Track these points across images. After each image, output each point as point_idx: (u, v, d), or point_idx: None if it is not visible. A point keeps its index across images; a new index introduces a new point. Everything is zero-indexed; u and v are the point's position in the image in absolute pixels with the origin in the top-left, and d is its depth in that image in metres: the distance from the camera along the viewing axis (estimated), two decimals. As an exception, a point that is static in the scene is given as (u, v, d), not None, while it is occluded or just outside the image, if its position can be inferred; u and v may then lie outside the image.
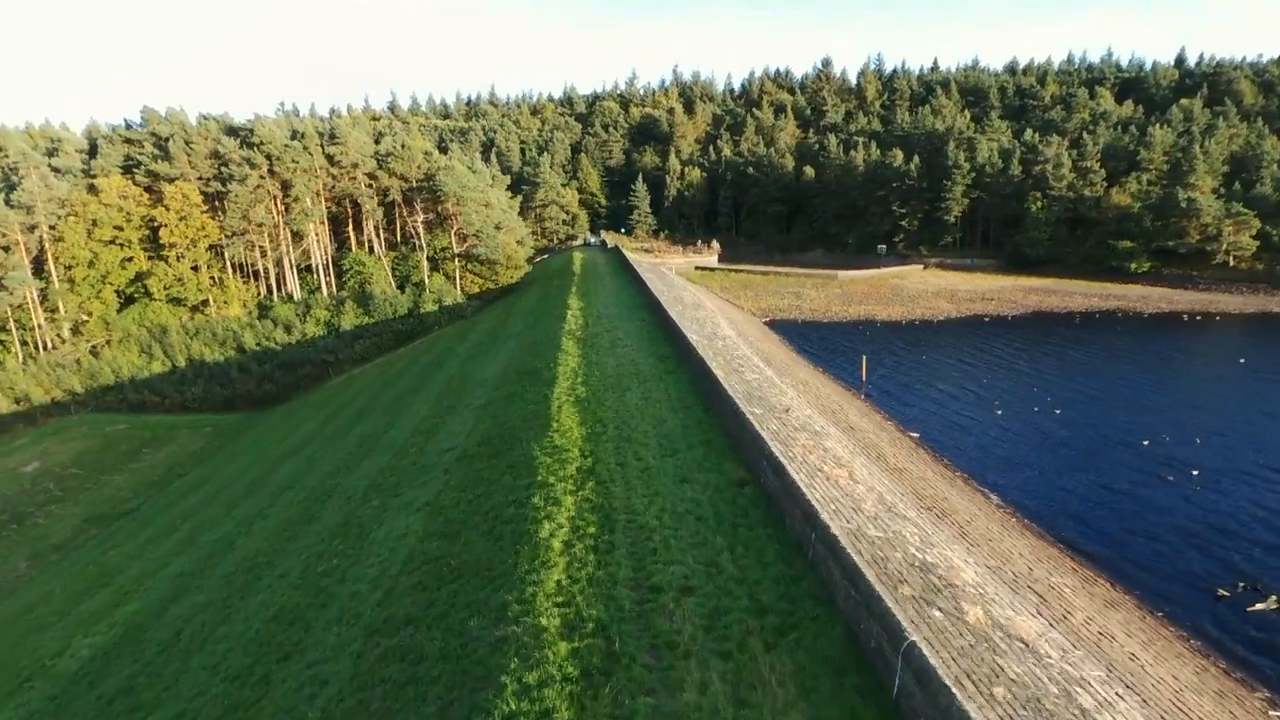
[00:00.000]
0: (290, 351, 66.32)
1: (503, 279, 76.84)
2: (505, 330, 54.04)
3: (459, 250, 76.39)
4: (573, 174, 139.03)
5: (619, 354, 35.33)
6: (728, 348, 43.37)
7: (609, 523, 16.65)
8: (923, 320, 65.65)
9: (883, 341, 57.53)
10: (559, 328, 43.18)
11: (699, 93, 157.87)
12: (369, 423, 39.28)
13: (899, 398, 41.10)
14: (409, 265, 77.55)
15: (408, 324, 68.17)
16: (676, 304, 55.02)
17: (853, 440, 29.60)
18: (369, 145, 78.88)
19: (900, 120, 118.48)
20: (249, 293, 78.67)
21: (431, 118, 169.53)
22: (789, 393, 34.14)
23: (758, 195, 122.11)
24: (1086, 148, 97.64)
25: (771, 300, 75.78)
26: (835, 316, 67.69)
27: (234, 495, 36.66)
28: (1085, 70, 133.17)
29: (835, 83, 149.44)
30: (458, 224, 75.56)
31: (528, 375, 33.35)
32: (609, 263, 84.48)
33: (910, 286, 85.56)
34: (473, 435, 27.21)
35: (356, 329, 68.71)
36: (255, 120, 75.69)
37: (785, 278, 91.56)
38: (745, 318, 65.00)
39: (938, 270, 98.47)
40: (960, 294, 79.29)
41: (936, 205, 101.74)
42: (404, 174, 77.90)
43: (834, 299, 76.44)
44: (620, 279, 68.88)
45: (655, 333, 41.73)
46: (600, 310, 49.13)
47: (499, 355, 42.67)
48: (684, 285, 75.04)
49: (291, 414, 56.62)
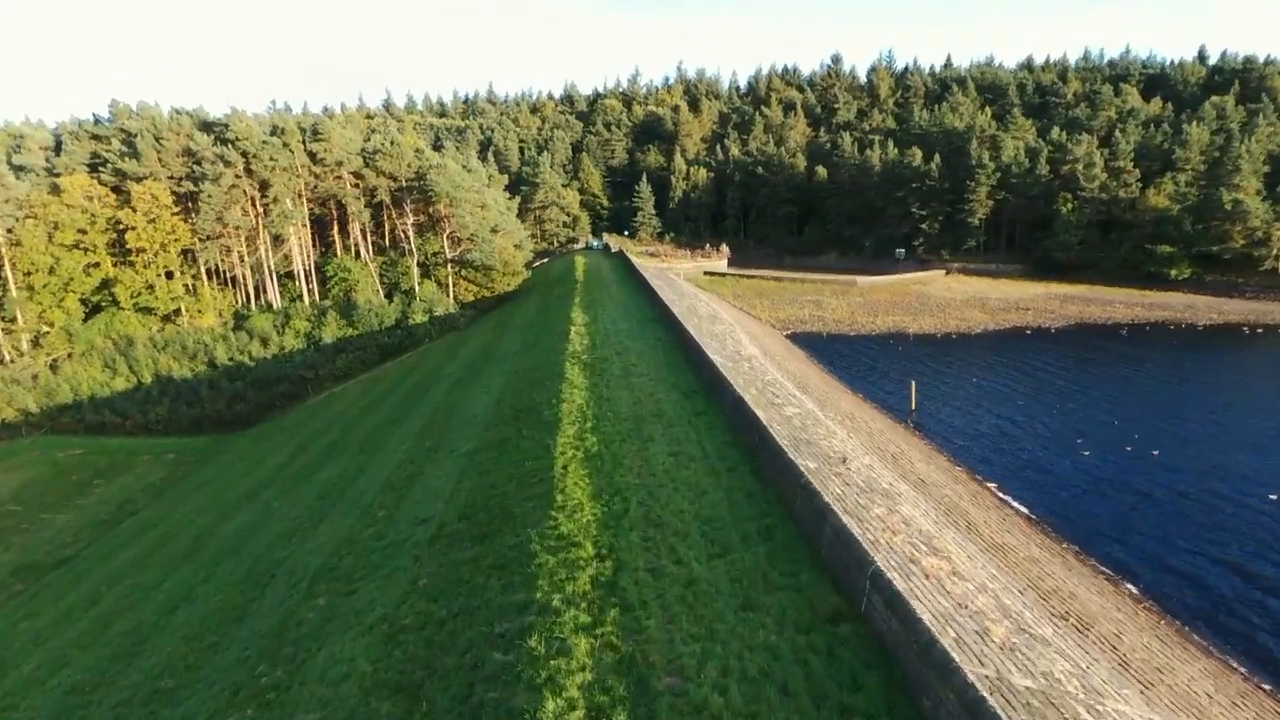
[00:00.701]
0: (266, 367, 60.30)
1: (499, 286, 70.89)
2: (500, 348, 48.06)
3: (452, 255, 70.44)
4: (574, 174, 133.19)
5: (634, 385, 29.38)
6: (756, 372, 37.51)
7: (645, 700, 10.69)
8: (959, 333, 59.70)
9: (919, 358, 51.60)
10: (561, 348, 37.24)
11: (704, 90, 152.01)
12: (338, 463, 33.31)
13: (958, 430, 35.15)
14: (398, 271, 71.59)
15: (395, 336, 62.21)
16: (691, 316, 49.18)
17: (929, 500, 23.67)
18: (355, 142, 72.95)
19: (918, 118, 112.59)
20: (225, 301, 72.65)
21: (427, 116, 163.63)
22: (838, 433, 28.16)
23: (767, 196, 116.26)
24: (1119, 146, 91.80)
25: (790, 310, 69.82)
26: (862, 329, 61.72)
27: (176, 551, 30.74)
28: (1108, 67, 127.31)
29: (846, 80, 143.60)
30: (450, 227, 69.63)
31: (525, 414, 27.40)
32: (614, 268, 78.53)
33: (935, 294, 79.68)
34: (453, 501, 21.26)
35: (339, 341, 62.72)
36: (231, 115, 69.70)
37: (801, 284, 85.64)
38: (765, 331, 59.04)
39: (961, 276, 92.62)
40: (991, 302, 73.39)
41: (959, 207, 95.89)
42: (393, 173, 71.95)
43: (857, 308, 70.49)
44: (627, 287, 62.93)
45: (673, 355, 35.76)
46: (608, 326, 43.16)
47: (492, 381, 36.71)
48: (695, 294, 69.11)
49: (262, 439, 50.62)
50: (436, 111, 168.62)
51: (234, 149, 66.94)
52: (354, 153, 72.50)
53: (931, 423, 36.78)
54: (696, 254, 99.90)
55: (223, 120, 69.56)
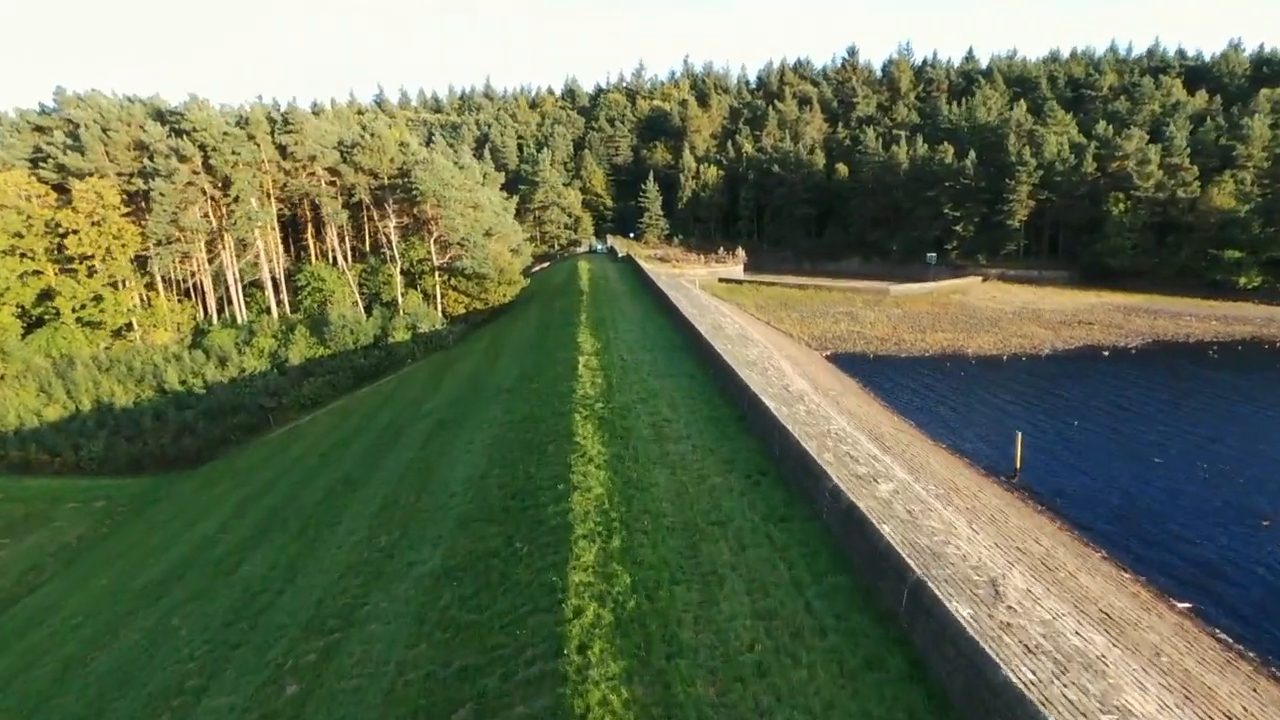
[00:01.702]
0: (221, 393, 51.69)
1: (493, 297, 62.29)
2: (492, 378, 39.47)
3: (440, 262, 61.85)
4: (575, 172, 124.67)
5: (673, 458, 20.88)
6: (816, 416, 29.16)
7: None
8: (1025, 354, 51.20)
9: (989, 387, 43.09)
10: (567, 388, 28.76)
11: (712, 84, 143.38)
12: (270, 549, 24.77)
13: (1087, 503, 26.63)
14: (379, 280, 63.00)
15: (372, 357, 53.67)
16: (719, 337, 40.73)
17: (1122, 643, 15.17)
18: (330, 134, 64.34)
19: (947, 112, 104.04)
20: (184, 314, 64.03)
21: (421, 111, 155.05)
22: (960, 528, 19.52)
23: (784, 196, 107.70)
24: (1174, 141, 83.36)
25: (823, 324, 61.28)
26: (911, 348, 53.21)
27: (57, 661, 22.40)
28: (1146, 58, 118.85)
29: (863, 73, 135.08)
30: (438, 230, 61.05)
31: (519, 507, 18.90)
32: (622, 276, 70.02)
33: (980, 305, 71.18)
34: (408, 678, 12.77)
35: (307, 363, 54.17)
36: (189, 103, 61.04)
37: (828, 293, 77.12)
38: (803, 352, 50.52)
39: (1000, 283, 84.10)
40: (1047, 315, 64.91)
41: (997, 208, 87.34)
42: (373, 169, 63.36)
43: (898, 322, 61.97)
44: (640, 299, 54.43)
45: (713, 401, 27.26)
46: (624, 355, 34.62)
47: (477, 435, 28.16)
48: (716, 306, 60.60)
49: (206, 486, 42.04)
50: (431, 107, 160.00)
51: (190, 141, 58.33)
52: (329, 146, 63.90)
53: (1044, 484, 28.29)
54: (710, 259, 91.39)
55: (179, 109, 60.94)
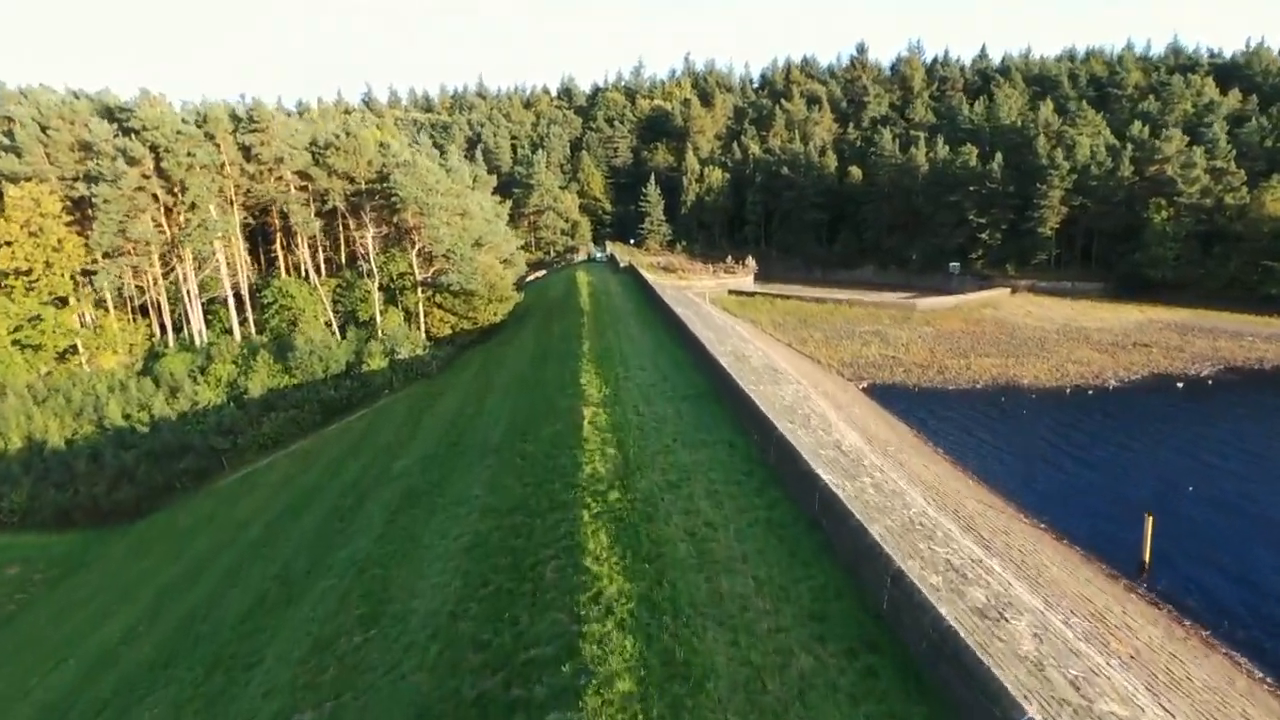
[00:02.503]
0: (169, 431, 44.77)
1: (482, 317, 55.48)
2: (476, 429, 32.67)
3: (423, 277, 55.03)
4: (572, 175, 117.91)
5: (730, 606, 14.00)
6: (885, 490, 22.76)
7: None
8: (1089, 385, 44.66)
9: (1061, 430, 36.55)
10: (571, 465, 22.05)
11: (715, 83, 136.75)
12: (177, 685, 17.98)
13: (1253, 620, 20.08)
14: (355, 297, 56.13)
15: (343, 388, 46.82)
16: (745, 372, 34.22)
17: None
18: (301, 134, 57.43)
19: (968, 112, 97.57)
20: (138, 335, 57.04)
21: (411, 111, 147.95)
22: (1087, 653, 12.86)
23: (793, 200, 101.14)
24: (1218, 144, 77.17)
25: (852, 347, 54.65)
26: (955, 378, 46.61)
27: None
28: (1173, 56, 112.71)
29: (873, 71, 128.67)
30: (421, 241, 54.25)
31: (507, 688, 12.21)
32: (626, 291, 63.28)
33: (1016, 321, 64.74)
34: None
35: (270, 394, 47.30)
36: (140, 98, 54.07)
37: (849, 308, 70.52)
38: (836, 384, 43.87)
39: (1031, 296, 77.68)
40: (1094, 335, 58.49)
41: (1025, 214, 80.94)
42: (348, 172, 56.50)
43: (934, 345, 55.43)
44: (648, 321, 47.71)
45: (765, 486, 20.51)
46: (640, 408, 27.84)
47: (450, 532, 21.34)
48: (731, 326, 53.95)
49: (137, 555, 35.22)
50: (422, 106, 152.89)
51: (140, 142, 51.38)
52: (300, 147, 56.99)
53: (1188, 589, 21.72)
54: (718, 268, 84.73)
55: (129, 105, 53.92)
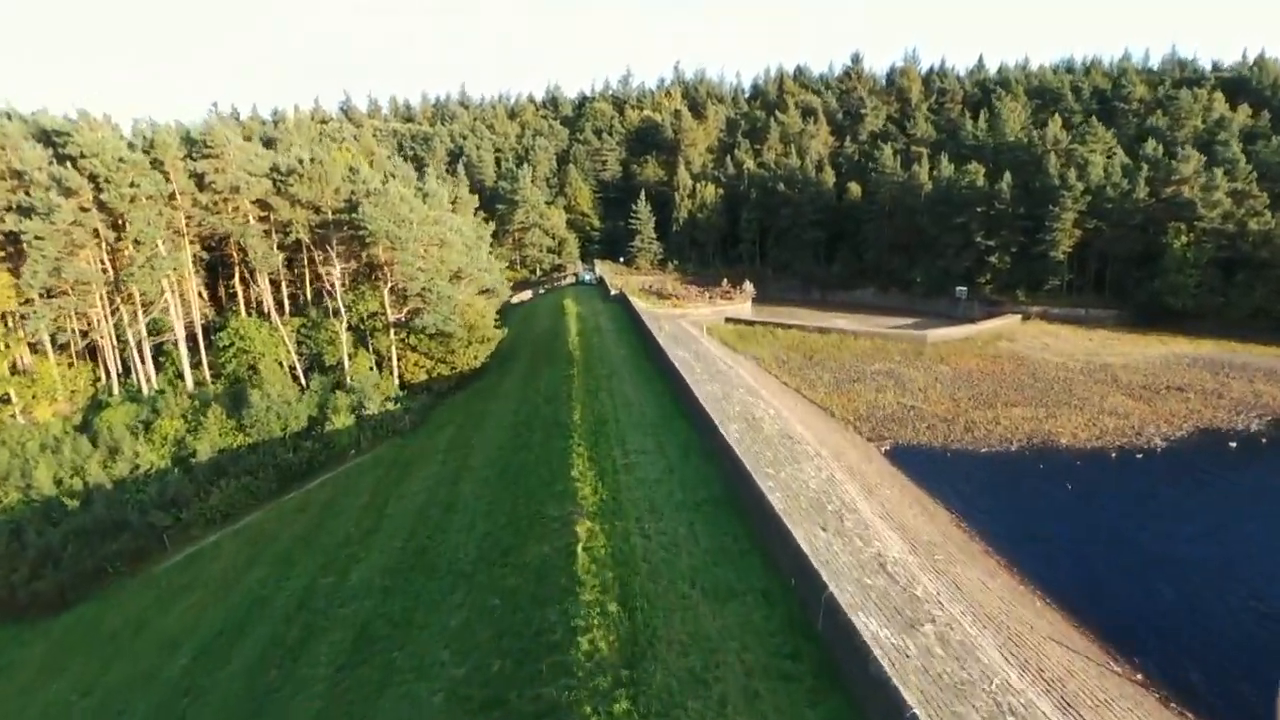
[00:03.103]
0: (106, 503, 39.25)
1: (461, 361, 50.27)
2: (449, 530, 27.53)
3: (395, 318, 49.80)
4: (559, 189, 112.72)
5: None
6: (954, 647, 18.09)
7: None
8: (1132, 445, 40.16)
9: (1125, 513, 31.93)
10: (565, 631, 17.07)
11: (706, 93, 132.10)
12: None
13: None
14: (321, 338, 50.76)
15: (303, 450, 41.46)
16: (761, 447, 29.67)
17: None
18: (261, 159, 51.98)
19: (970, 127, 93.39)
20: (80, 380, 51.35)
21: (391, 121, 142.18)
22: None
23: (790, 217, 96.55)
24: (1237, 165, 73.31)
25: (865, 394, 49.88)
26: (987, 436, 41.91)
27: None
28: (1178, 68, 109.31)
29: (868, 81, 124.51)
30: (393, 278, 49.01)
31: None
32: (617, 327, 58.31)
33: (1035, 357, 60.37)
34: None
35: (222, 456, 41.86)
36: (78, 120, 48.47)
37: (855, 340, 65.86)
38: (855, 446, 39.09)
39: (1044, 325, 73.43)
40: (1121, 375, 54.21)
41: (1037, 237, 76.73)
42: (313, 202, 51.16)
43: (954, 388, 50.83)
44: (645, 373, 42.74)
45: (820, 682, 15.66)
46: (643, 517, 22.92)
47: (415, 702, 16.34)
48: (734, 370, 49.07)
49: (48, 669, 29.78)
50: (402, 115, 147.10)
51: (78, 170, 45.78)
52: (259, 174, 51.53)
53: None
54: (714, 293, 79.89)
55: (66, 128, 48.24)
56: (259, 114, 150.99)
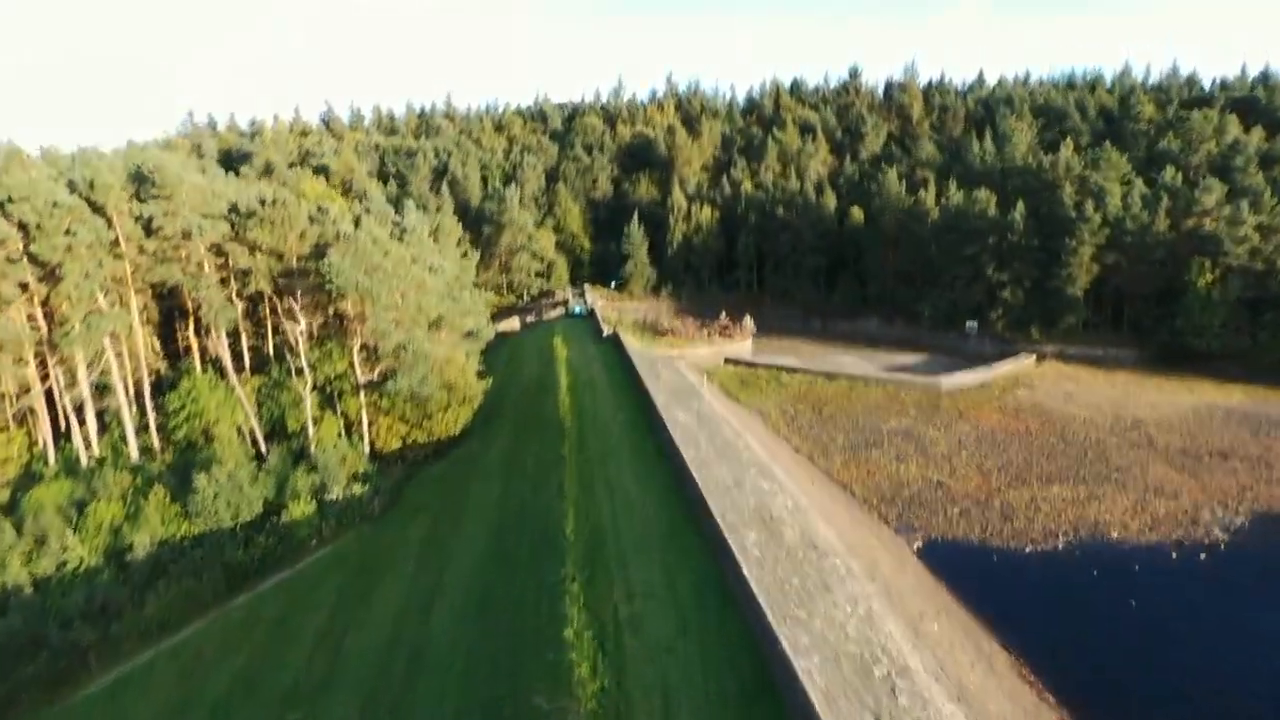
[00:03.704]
0: (23, 613, 33.66)
1: (439, 428, 45.09)
2: (418, 688, 22.51)
3: (366, 379, 44.53)
4: (548, 209, 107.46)
5: None
6: None
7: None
8: (1191, 539, 35.63)
9: (1217, 660, 27.33)
10: None
11: (700, 106, 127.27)
12: None
13: None
14: (283, 400, 45.42)
15: (256, 547, 36.10)
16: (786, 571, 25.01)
17: None
18: (217, 198, 46.48)
19: (977, 151, 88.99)
20: (12, 447, 45.59)
21: (374, 133, 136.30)
22: None
23: (789, 243, 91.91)
24: (1262, 197, 69.25)
25: (883, 462, 45.08)
26: (1026, 527, 37.11)
27: None
28: (1187, 87, 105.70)
29: (867, 97, 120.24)
30: (363, 335, 43.74)
31: None
32: (610, 378, 53.25)
33: (1058, 409, 55.93)
34: None
35: (163, 550, 36.46)
36: (8, 158, 42.80)
37: (865, 387, 61.13)
38: (882, 545, 34.25)
39: (1060, 365, 69.11)
40: (1156, 436, 49.86)
41: (1052, 271, 72.40)
42: (275, 248, 45.78)
43: (981, 457, 46.12)
44: (647, 457, 37.65)
45: None
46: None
47: None
48: (743, 436, 44.16)
49: None
50: (386, 127, 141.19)
51: (4, 217, 40.11)
52: (215, 215, 46.08)
53: None
54: (712, 328, 74.90)
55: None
56: (236, 123, 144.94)
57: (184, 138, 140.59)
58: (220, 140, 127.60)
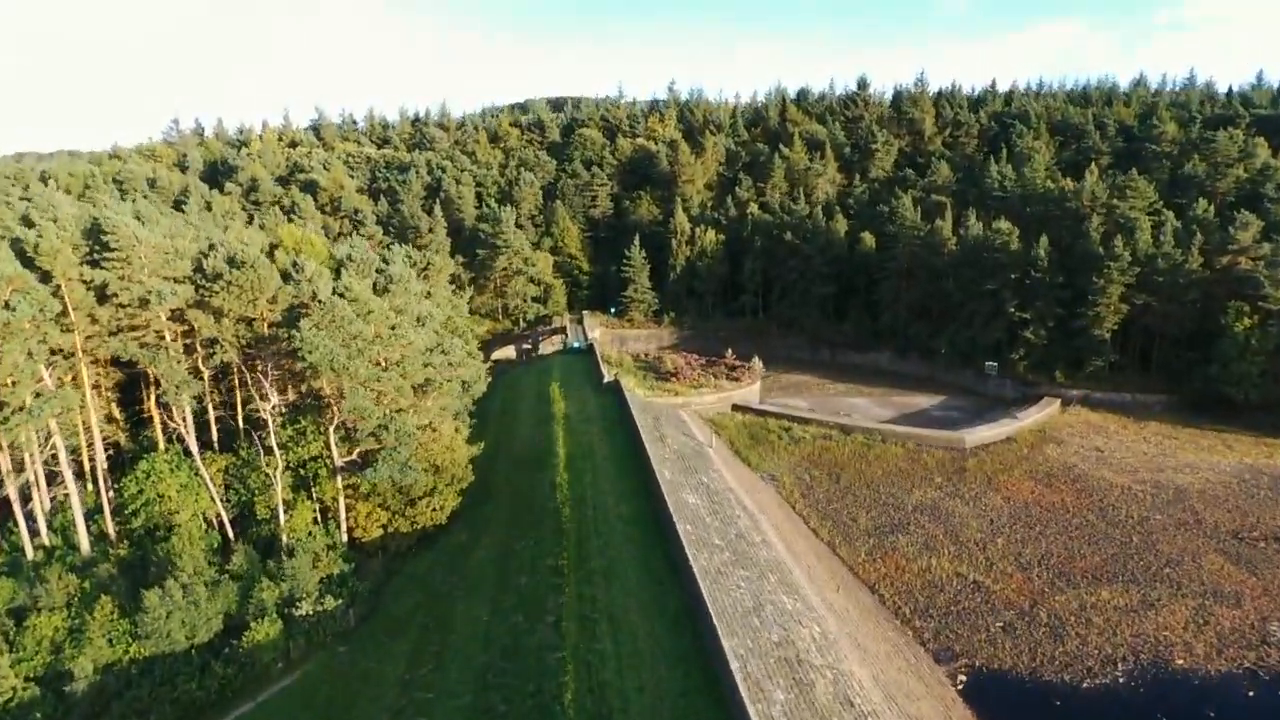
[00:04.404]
0: (-57, 758, 29.38)
1: (424, 516, 40.63)
2: None
3: (343, 461, 40.02)
4: (545, 229, 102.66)
5: None
6: None
7: None
8: (1272, 669, 31.48)
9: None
10: None
11: (702, 117, 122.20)
12: None
13: None
14: (251, 485, 40.94)
15: (214, 675, 31.70)
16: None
17: None
18: (180, 258, 41.72)
19: (995, 173, 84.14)
20: (-49, 535, 41.11)
21: (365, 143, 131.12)
22: None
23: (797, 269, 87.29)
24: (1299, 232, 64.77)
25: (913, 552, 40.74)
26: (1080, 650, 32.85)
27: None
28: (1209, 103, 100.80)
29: (876, 110, 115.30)
30: (339, 414, 39.21)
31: None
32: (612, 446, 48.78)
33: (1090, 475, 51.70)
34: None
35: (108, 677, 32.05)
36: (-60, 221, 38.06)
37: (883, 446, 56.71)
38: (924, 686, 29.96)
39: (1088, 414, 64.81)
40: (1201, 508, 45.83)
41: (1078, 311, 67.92)
42: (244, 315, 41.20)
43: (1019, 544, 41.82)
44: (653, 568, 33.29)
45: None
46: None
47: None
48: (764, 535, 39.81)
49: None
50: (378, 136, 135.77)
51: (-67, 289, 35.44)
52: (178, 277, 41.43)
53: None
54: (718, 369, 70.29)
55: (-77, 231, 37.73)
56: (225, 129, 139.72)
57: (169, 144, 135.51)
58: (206, 150, 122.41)
